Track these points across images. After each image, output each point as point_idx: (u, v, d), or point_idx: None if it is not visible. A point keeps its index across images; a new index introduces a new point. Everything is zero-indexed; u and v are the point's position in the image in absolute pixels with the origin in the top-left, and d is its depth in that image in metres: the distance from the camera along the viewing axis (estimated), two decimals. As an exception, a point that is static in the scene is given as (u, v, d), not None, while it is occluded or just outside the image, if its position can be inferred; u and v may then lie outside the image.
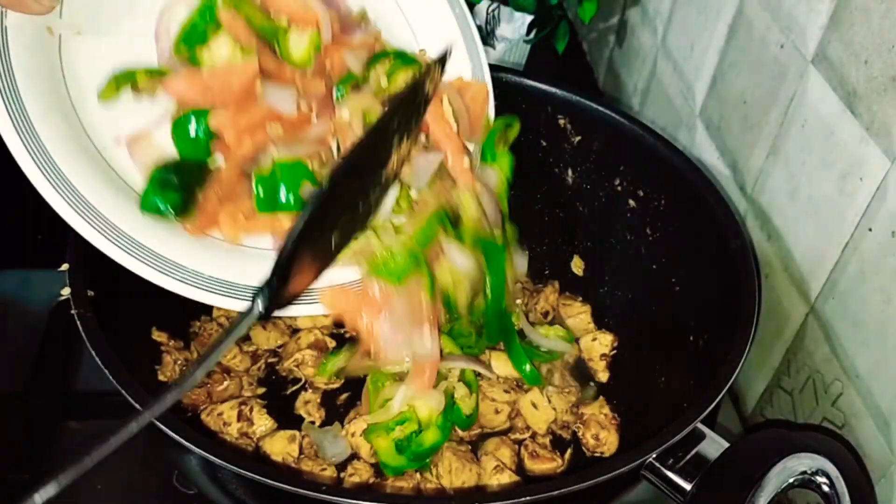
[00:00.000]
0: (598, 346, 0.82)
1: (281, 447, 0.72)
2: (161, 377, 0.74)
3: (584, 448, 0.76)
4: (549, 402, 0.77)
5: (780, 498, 0.56)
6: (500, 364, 0.79)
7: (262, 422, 0.73)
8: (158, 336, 0.76)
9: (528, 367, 0.77)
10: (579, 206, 0.91)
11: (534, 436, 0.76)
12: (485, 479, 0.70)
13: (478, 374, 0.77)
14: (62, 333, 0.80)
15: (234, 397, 0.75)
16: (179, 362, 0.75)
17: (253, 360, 0.79)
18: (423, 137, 0.70)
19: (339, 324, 0.81)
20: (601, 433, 0.74)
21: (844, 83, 0.65)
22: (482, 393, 0.77)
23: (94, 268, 0.67)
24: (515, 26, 1.08)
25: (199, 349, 0.77)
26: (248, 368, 0.79)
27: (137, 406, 0.58)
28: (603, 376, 0.83)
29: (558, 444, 0.77)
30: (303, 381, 0.79)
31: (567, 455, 0.75)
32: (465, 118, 0.72)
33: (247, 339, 0.80)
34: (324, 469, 0.70)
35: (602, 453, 0.75)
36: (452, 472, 0.70)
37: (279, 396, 0.78)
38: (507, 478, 0.70)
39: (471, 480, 0.70)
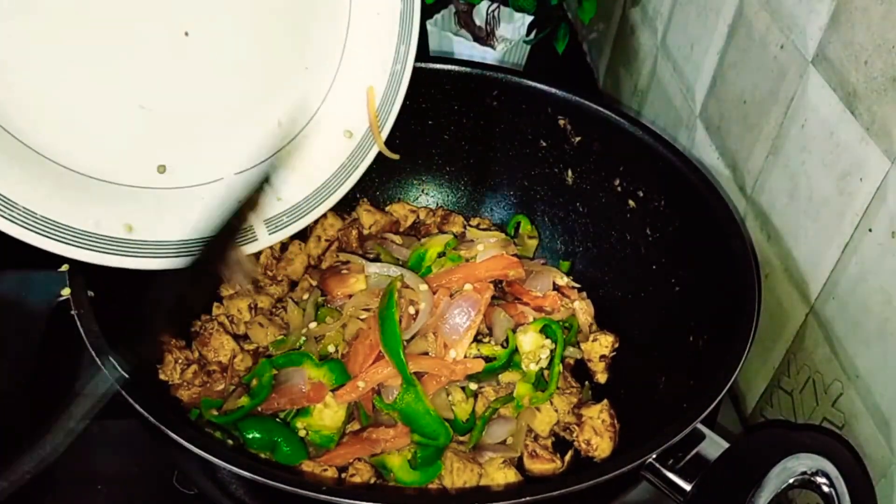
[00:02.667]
0: (599, 346, 0.82)
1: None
2: (161, 376, 0.74)
3: (579, 450, 0.76)
4: (552, 403, 0.77)
5: (780, 498, 0.56)
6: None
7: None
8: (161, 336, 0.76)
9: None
10: (579, 206, 0.91)
11: (536, 437, 0.76)
12: (486, 479, 0.70)
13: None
14: (62, 333, 0.80)
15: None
16: (180, 361, 0.75)
17: (254, 358, 0.79)
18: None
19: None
20: (593, 439, 0.74)
21: (844, 83, 0.66)
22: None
23: (94, 268, 0.67)
24: (515, 27, 1.08)
25: (200, 348, 0.77)
26: (250, 367, 0.78)
27: (137, 405, 0.58)
28: (602, 377, 0.83)
29: (560, 444, 0.77)
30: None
31: (567, 457, 0.75)
32: None
33: (245, 337, 0.80)
34: (325, 469, 0.70)
35: (594, 458, 0.75)
36: (454, 472, 0.69)
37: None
38: (509, 477, 0.70)
39: (472, 480, 0.70)
